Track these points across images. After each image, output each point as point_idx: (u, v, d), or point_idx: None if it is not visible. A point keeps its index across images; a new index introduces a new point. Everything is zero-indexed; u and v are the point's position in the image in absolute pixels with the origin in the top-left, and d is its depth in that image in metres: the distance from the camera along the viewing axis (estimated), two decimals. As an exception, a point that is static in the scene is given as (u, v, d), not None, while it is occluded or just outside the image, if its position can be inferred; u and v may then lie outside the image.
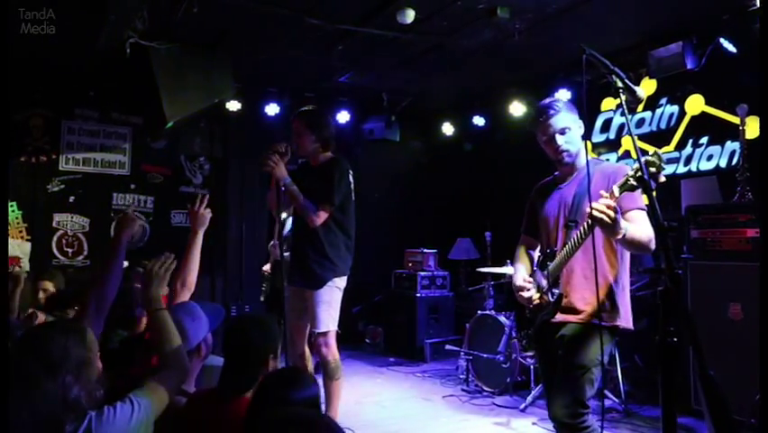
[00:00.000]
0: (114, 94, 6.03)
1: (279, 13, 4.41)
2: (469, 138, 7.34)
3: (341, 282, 3.54)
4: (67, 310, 3.27)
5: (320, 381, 2.54)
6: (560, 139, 2.47)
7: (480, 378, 5.03)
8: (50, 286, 3.93)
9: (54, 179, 5.93)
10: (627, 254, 2.46)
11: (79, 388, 1.58)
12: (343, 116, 6.86)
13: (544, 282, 2.49)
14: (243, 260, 6.70)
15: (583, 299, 2.39)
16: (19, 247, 5.72)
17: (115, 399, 1.69)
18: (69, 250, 5.98)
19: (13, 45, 4.35)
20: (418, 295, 6.39)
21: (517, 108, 6.12)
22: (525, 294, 2.52)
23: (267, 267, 5.53)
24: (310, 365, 3.74)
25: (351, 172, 3.55)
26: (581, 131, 2.52)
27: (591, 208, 2.03)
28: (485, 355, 4.87)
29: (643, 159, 1.85)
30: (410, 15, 4.29)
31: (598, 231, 2.19)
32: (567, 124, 2.47)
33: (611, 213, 2.01)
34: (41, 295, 3.84)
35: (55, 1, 3.86)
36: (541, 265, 2.55)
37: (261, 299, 5.64)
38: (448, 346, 5.61)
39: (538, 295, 2.51)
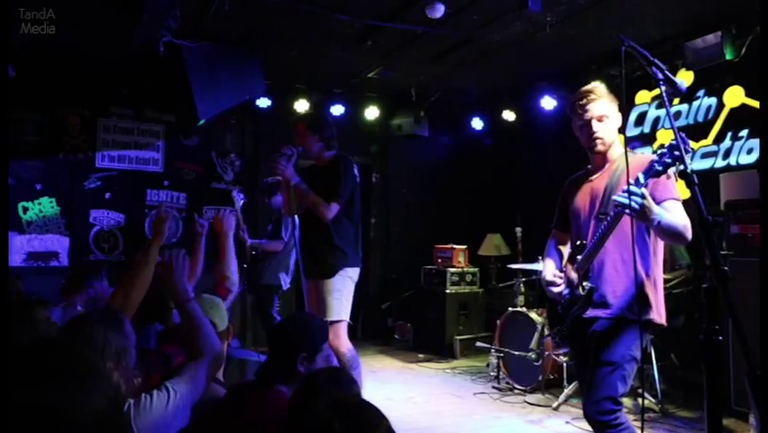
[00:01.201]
0: (148, 92, 6.15)
1: (309, 9, 4.43)
2: (498, 133, 7.26)
3: (353, 273, 3.57)
4: None
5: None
6: (596, 125, 2.42)
7: (512, 375, 4.98)
8: None
9: (91, 176, 6.09)
10: (660, 249, 2.40)
11: (118, 375, 1.62)
12: (372, 112, 6.86)
13: (575, 276, 2.44)
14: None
15: (614, 292, 2.34)
16: (58, 242, 5.90)
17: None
18: (106, 245, 6.14)
19: (41, 46, 4.43)
20: (448, 291, 6.36)
21: (548, 102, 6.04)
22: (555, 289, 2.49)
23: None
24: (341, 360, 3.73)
25: (356, 166, 3.63)
26: (618, 123, 2.47)
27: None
28: (516, 353, 4.82)
29: (677, 140, 1.83)
30: (440, 10, 4.26)
31: (634, 223, 2.14)
32: (606, 112, 2.43)
33: (637, 198, 1.98)
34: None
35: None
36: (571, 259, 2.51)
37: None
38: (478, 343, 5.57)
39: (568, 290, 2.47)
